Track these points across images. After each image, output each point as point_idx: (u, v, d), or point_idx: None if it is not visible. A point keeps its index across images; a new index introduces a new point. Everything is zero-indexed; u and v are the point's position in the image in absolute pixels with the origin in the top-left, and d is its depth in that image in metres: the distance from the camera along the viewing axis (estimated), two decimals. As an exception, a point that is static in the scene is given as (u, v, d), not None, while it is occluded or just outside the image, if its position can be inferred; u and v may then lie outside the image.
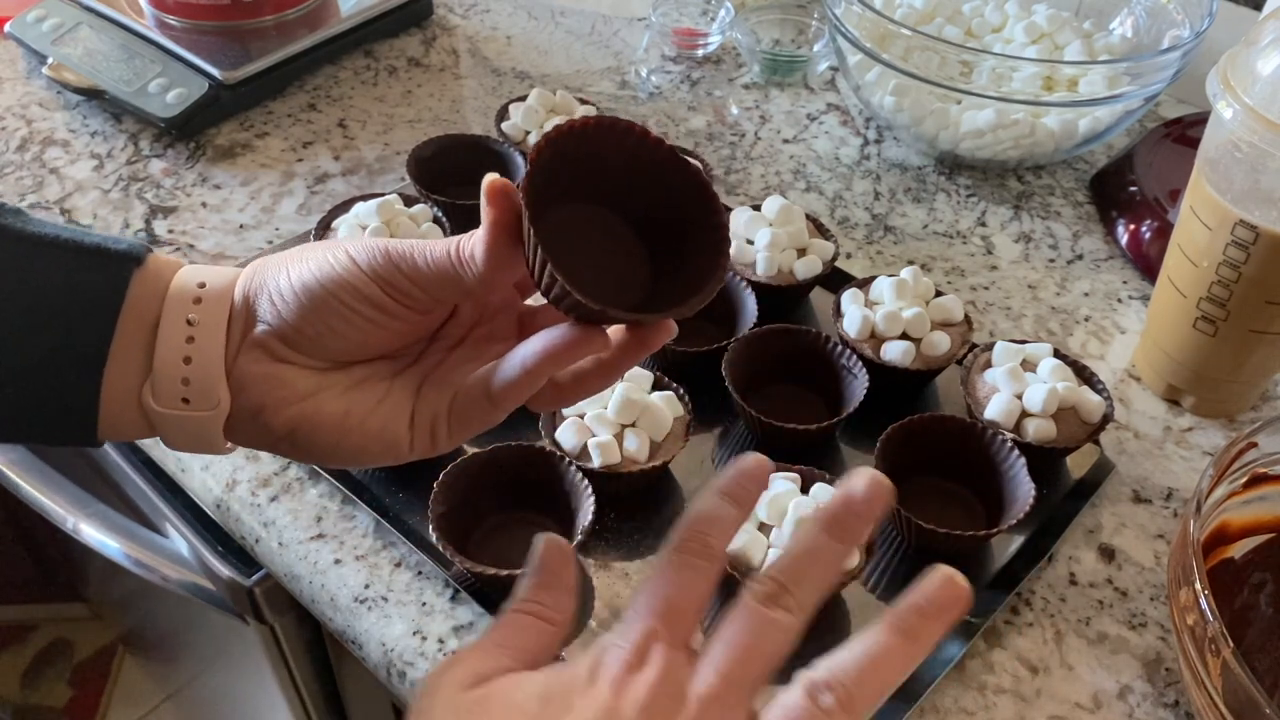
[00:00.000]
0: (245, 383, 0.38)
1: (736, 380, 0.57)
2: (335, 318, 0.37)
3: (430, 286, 0.37)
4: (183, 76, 0.79)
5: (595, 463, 0.53)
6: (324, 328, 0.37)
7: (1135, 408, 0.63)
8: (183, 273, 0.38)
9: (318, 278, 0.37)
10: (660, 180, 0.36)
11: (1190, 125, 0.79)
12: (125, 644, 1.47)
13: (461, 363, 0.40)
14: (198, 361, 0.37)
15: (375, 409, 0.39)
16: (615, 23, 0.95)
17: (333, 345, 0.38)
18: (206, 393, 0.37)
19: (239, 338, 0.38)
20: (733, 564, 0.49)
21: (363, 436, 0.39)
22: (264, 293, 0.38)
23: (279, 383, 0.38)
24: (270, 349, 0.38)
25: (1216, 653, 0.42)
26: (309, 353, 0.38)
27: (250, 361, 0.38)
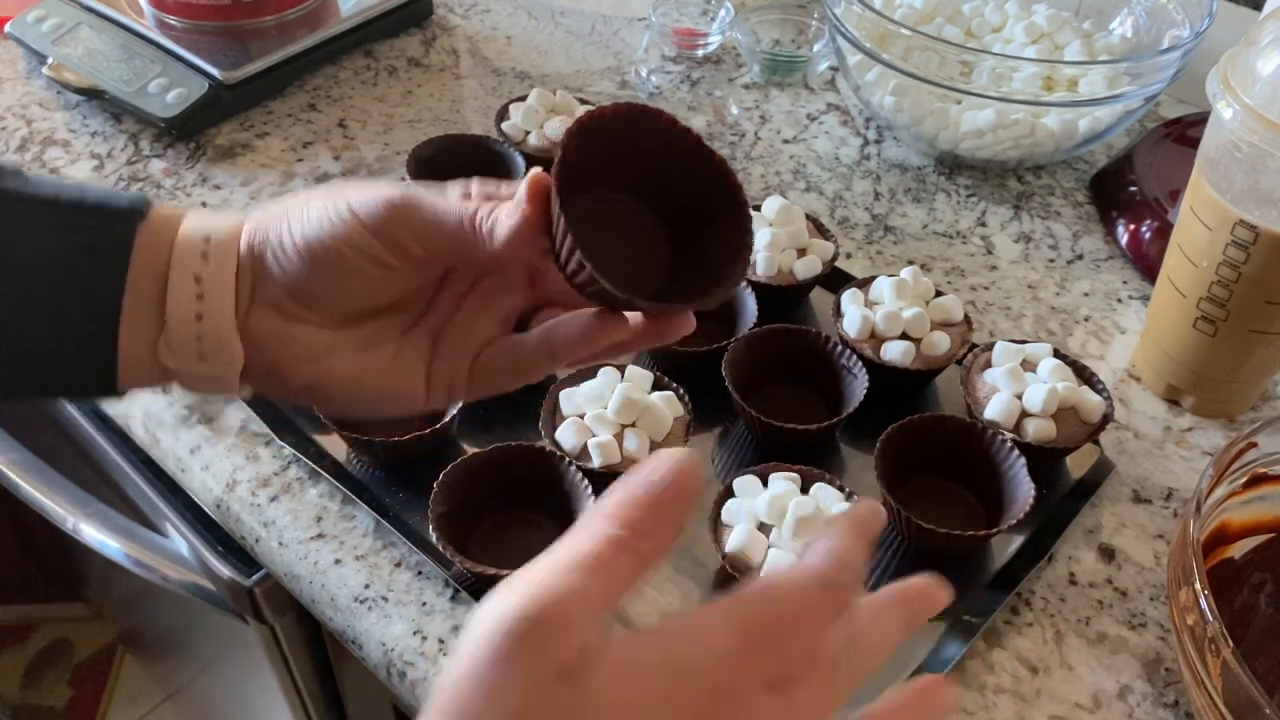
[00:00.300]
0: (259, 341, 0.38)
1: (736, 380, 0.57)
2: (339, 272, 0.37)
3: (432, 245, 0.37)
4: (183, 76, 0.79)
5: (595, 463, 0.53)
6: (330, 283, 0.37)
7: (1135, 408, 0.63)
8: (187, 225, 0.38)
9: (319, 233, 0.37)
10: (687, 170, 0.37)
11: (1190, 125, 0.79)
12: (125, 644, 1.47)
13: (474, 317, 0.40)
14: (209, 318, 0.37)
15: (389, 368, 0.39)
16: (615, 23, 0.95)
17: (340, 300, 0.38)
18: (220, 348, 0.37)
19: (249, 291, 0.38)
20: (732, 564, 0.49)
21: (377, 393, 0.39)
22: (268, 247, 0.37)
23: (292, 342, 0.38)
24: (281, 307, 0.38)
25: (1216, 653, 0.42)
26: (319, 309, 0.38)
27: (262, 319, 0.38)
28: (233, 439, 0.59)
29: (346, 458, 0.58)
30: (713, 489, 0.54)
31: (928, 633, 0.51)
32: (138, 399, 0.62)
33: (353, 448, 0.57)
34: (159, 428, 0.61)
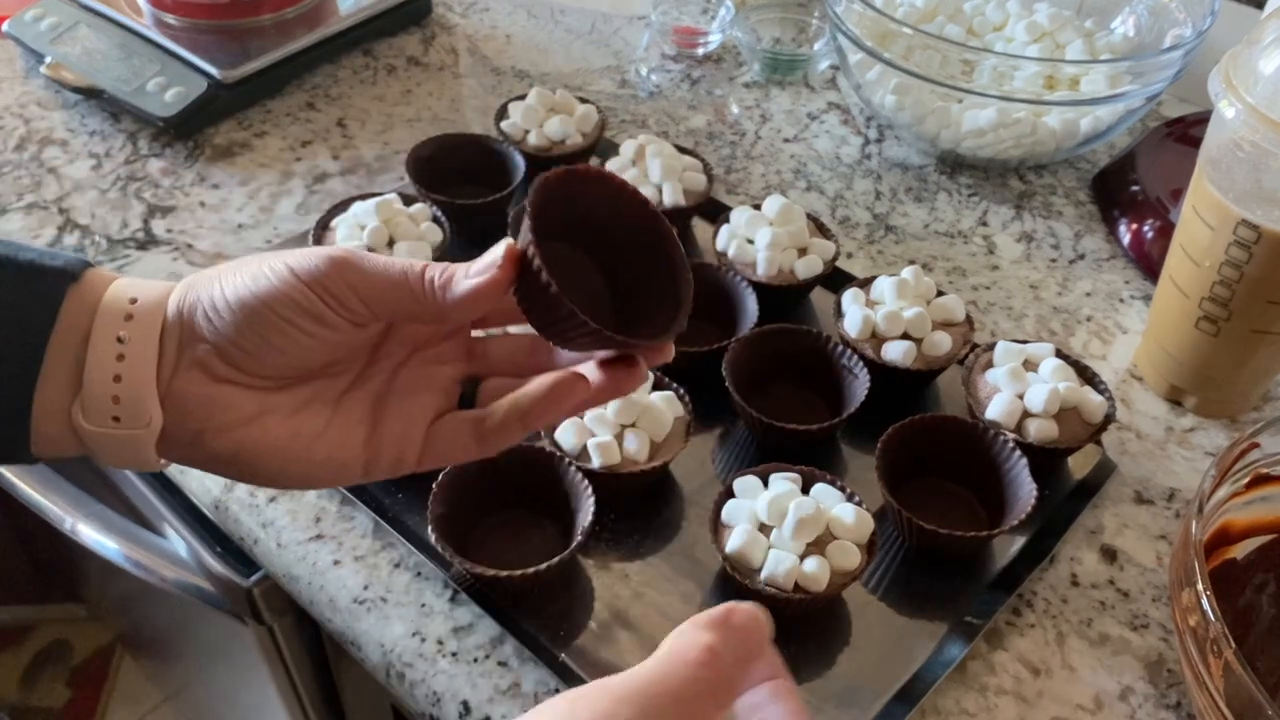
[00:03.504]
0: (184, 405, 0.37)
1: (736, 380, 0.57)
2: (272, 330, 0.36)
3: (374, 300, 0.36)
4: (181, 75, 0.78)
5: (595, 463, 0.53)
6: (261, 341, 0.36)
7: (1137, 408, 0.63)
8: (114, 288, 0.37)
9: (252, 290, 0.36)
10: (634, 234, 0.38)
11: (1192, 124, 0.79)
12: (124, 644, 1.47)
13: (416, 385, 0.40)
14: (128, 380, 0.36)
15: (321, 434, 0.38)
16: (615, 21, 0.95)
17: (272, 360, 0.37)
18: (137, 411, 0.36)
19: (174, 355, 0.37)
20: (732, 564, 0.49)
21: (308, 463, 0.38)
22: (199, 308, 0.36)
23: (220, 406, 0.37)
24: (209, 368, 0.37)
25: (1219, 654, 0.42)
26: (249, 370, 0.37)
27: (189, 382, 0.37)
28: (231, 439, 0.59)
29: (345, 458, 0.57)
30: (713, 489, 0.54)
31: (929, 634, 0.51)
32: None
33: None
34: (157, 428, 0.61)
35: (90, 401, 0.36)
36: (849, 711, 0.48)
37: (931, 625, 0.51)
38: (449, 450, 0.40)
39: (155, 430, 0.36)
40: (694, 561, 0.53)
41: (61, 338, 0.36)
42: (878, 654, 0.50)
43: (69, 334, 0.36)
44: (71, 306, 0.36)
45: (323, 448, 0.38)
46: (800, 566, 0.48)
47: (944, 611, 0.52)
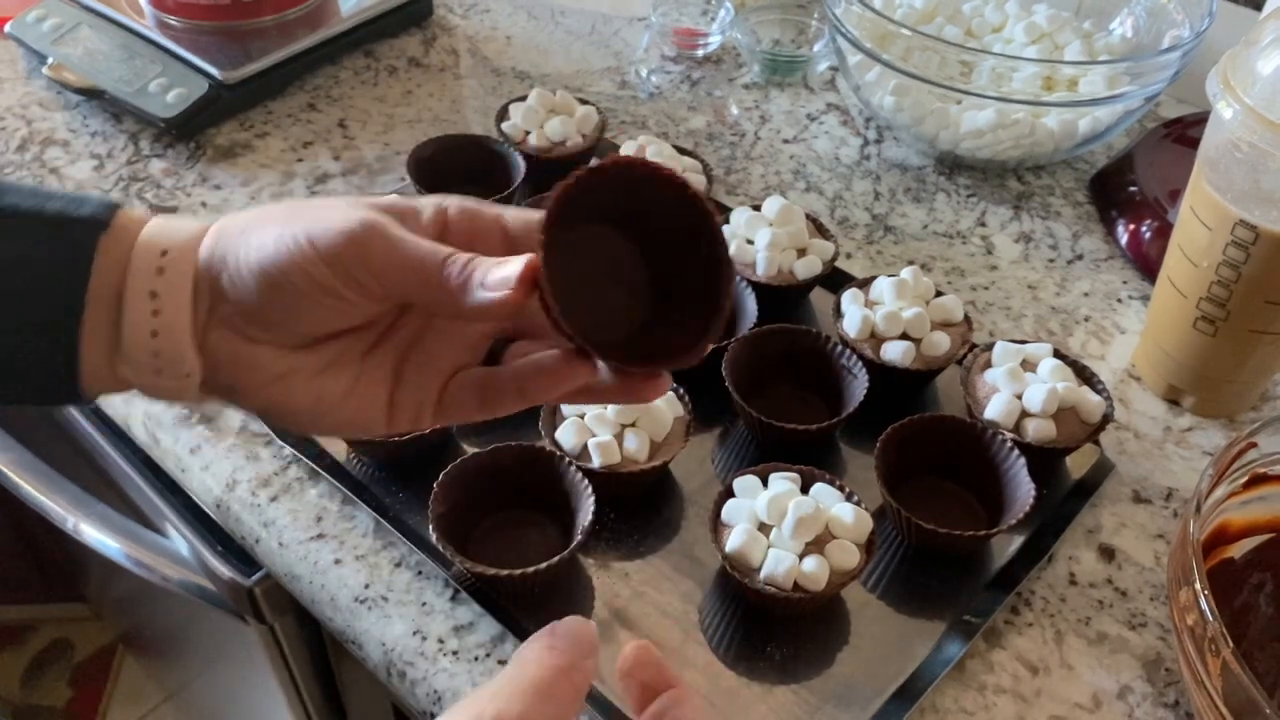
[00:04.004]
0: (216, 361, 0.37)
1: (736, 380, 0.57)
2: (293, 300, 0.36)
3: (391, 286, 0.36)
4: (183, 76, 0.79)
5: (595, 463, 0.53)
6: (284, 310, 0.36)
7: (1135, 408, 0.63)
8: (145, 236, 0.37)
9: (273, 259, 0.35)
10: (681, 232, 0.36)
11: (1190, 125, 0.79)
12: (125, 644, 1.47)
13: (441, 344, 0.40)
14: (164, 335, 0.36)
15: (349, 392, 0.38)
16: (615, 22, 0.95)
17: (296, 326, 0.37)
18: (177, 363, 0.37)
19: (206, 309, 0.37)
20: (732, 564, 0.49)
21: (335, 420, 0.39)
22: (225, 268, 0.36)
23: (249, 365, 0.37)
24: (237, 328, 0.37)
25: (1216, 653, 0.42)
26: (275, 332, 0.37)
27: (220, 340, 0.37)
28: (233, 439, 0.59)
29: (346, 458, 0.58)
30: (713, 489, 0.54)
31: (928, 633, 0.51)
32: (138, 399, 0.62)
33: (353, 448, 0.57)
34: (159, 428, 0.61)
35: (131, 355, 0.37)
36: (848, 710, 0.48)
37: (930, 624, 0.52)
38: (453, 409, 0.39)
39: (196, 379, 0.37)
40: (694, 561, 0.54)
41: (97, 291, 0.36)
42: (877, 653, 0.50)
43: (104, 288, 0.36)
44: (104, 259, 0.36)
45: (347, 408, 0.39)
46: (799, 566, 0.49)
47: (943, 610, 0.52)
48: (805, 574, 0.48)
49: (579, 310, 0.33)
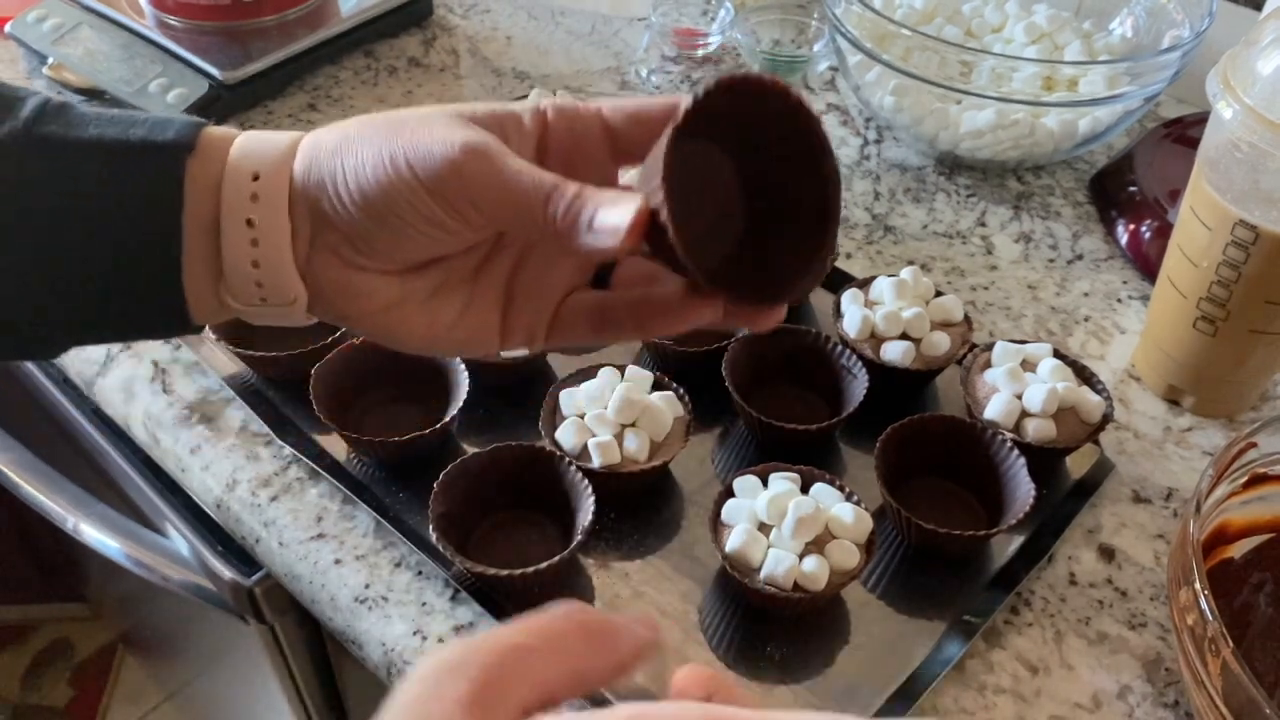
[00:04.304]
0: (322, 288, 0.37)
1: (736, 380, 0.57)
2: (398, 227, 0.35)
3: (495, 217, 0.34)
4: (183, 77, 0.79)
5: (595, 463, 0.53)
6: (390, 235, 0.35)
7: (1135, 408, 0.63)
8: (234, 158, 0.36)
9: (375, 186, 0.34)
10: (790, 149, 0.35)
11: (1190, 125, 0.79)
12: (125, 644, 1.47)
13: (549, 266, 0.38)
14: (265, 264, 0.36)
15: (460, 318, 0.38)
16: (615, 23, 0.95)
17: (403, 251, 0.36)
18: (281, 290, 0.36)
19: (307, 235, 0.36)
20: (732, 564, 0.49)
21: (450, 343, 0.38)
22: (324, 193, 0.35)
23: (357, 292, 0.37)
24: (342, 254, 0.36)
25: (1216, 653, 0.42)
26: (381, 258, 0.36)
27: (325, 266, 0.36)
28: (233, 439, 0.59)
29: (346, 458, 0.58)
30: (713, 489, 0.54)
31: (928, 633, 0.51)
32: (138, 399, 0.62)
33: (353, 448, 0.57)
34: (159, 428, 0.61)
35: (234, 283, 0.36)
36: (848, 710, 0.48)
37: (930, 624, 0.52)
38: (567, 333, 0.39)
39: (302, 304, 0.37)
40: (694, 561, 0.54)
41: (193, 219, 0.36)
42: (877, 653, 0.51)
43: (199, 215, 0.36)
44: (194, 184, 0.36)
45: (461, 331, 0.38)
46: (799, 566, 0.49)
47: (942, 610, 0.52)
48: (805, 574, 0.48)
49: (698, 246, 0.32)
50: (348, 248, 0.36)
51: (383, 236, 0.35)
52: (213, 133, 0.37)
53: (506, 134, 0.36)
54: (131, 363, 0.64)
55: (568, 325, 0.38)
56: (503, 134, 0.36)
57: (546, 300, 0.38)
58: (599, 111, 0.37)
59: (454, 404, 0.57)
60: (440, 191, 0.33)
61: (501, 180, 0.33)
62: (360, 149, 0.35)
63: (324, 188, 0.35)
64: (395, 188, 0.34)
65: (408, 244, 0.35)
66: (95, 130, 0.36)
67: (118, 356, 0.64)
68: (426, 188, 0.33)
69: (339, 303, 0.37)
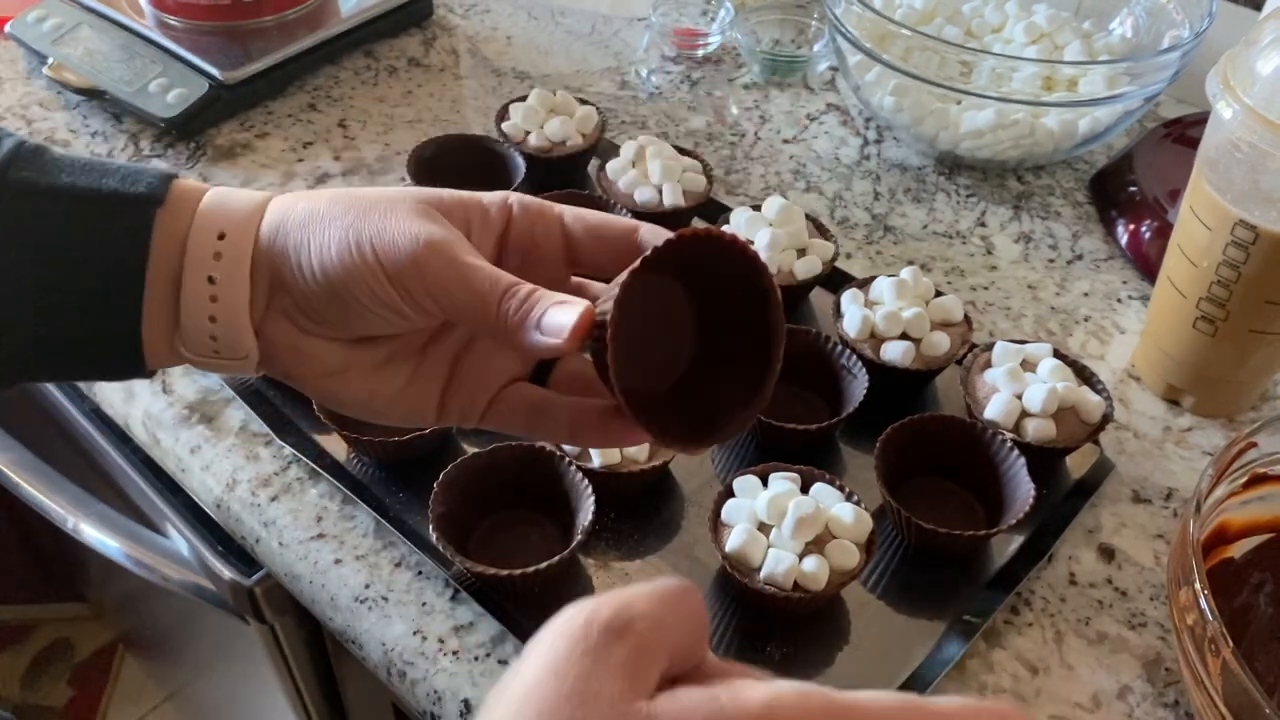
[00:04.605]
0: (273, 349, 0.38)
1: (736, 380, 0.57)
2: (355, 308, 0.36)
3: (450, 311, 0.36)
4: (183, 76, 0.79)
5: (595, 463, 0.53)
6: (345, 314, 0.37)
7: (1135, 408, 0.64)
8: (202, 212, 0.37)
9: (338, 268, 0.36)
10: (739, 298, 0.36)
11: (1190, 125, 0.79)
12: (125, 644, 1.47)
13: (492, 353, 0.40)
14: (222, 320, 0.37)
15: (403, 391, 0.39)
16: (615, 23, 0.95)
17: (353, 328, 0.38)
18: (234, 346, 0.38)
19: (265, 297, 0.37)
20: (732, 564, 0.49)
21: (388, 413, 0.40)
22: (286, 264, 0.37)
23: (306, 357, 0.38)
24: (295, 320, 0.38)
25: (1216, 653, 0.42)
26: (334, 329, 0.38)
27: (277, 330, 0.38)
28: (233, 439, 0.59)
29: (346, 458, 0.58)
30: (713, 489, 0.54)
31: (928, 633, 0.51)
32: (138, 399, 0.62)
33: (353, 448, 0.57)
34: (159, 428, 0.61)
35: (190, 335, 0.38)
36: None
37: (930, 624, 0.52)
38: (502, 422, 0.40)
39: (253, 361, 0.38)
40: (694, 561, 0.54)
41: (156, 271, 0.37)
42: (877, 653, 0.51)
43: (163, 267, 0.37)
44: (161, 236, 0.37)
45: (401, 404, 0.39)
46: (799, 566, 0.49)
47: (942, 610, 0.52)
48: (805, 574, 0.48)
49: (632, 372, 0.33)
50: (301, 315, 0.37)
51: (338, 311, 0.37)
52: (183, 186, 0.38)
53: (470, 224, 0.38)
54: (131, 363, 0.64)
55: (504, 413, 0.40)
56: (466, 224, 0.38)
57: (487, 385, 0.40)
58: (561, 216, 0.39)
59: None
60: (400, 280, 0.35)
61: (458, 274, 0.35)
62: (328, 227, 0.36)
63: (287, 257, 0.36)
64: (358, 270, 0.35)
65: (360, 321, 0.37)
66: (68, 178, 0.37)
67: (118, 356, 0.64)
68: (388, 275, 0.35)
69: (288, 363, 0.38)
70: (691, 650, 0.27)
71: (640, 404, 0.34)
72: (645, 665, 0.25)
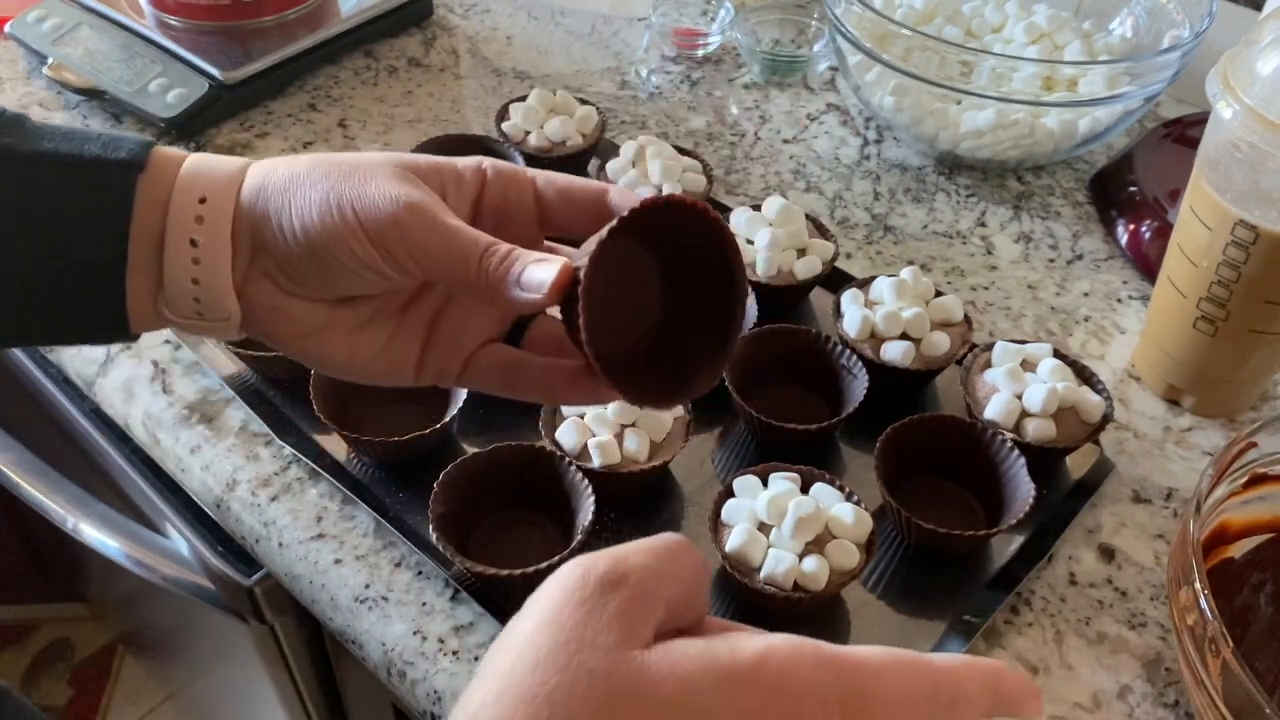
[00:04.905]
0: (254, 311, 0.39)
1: (736, 380, 0.57)
2: (335, 268, 0.37)
3: (431, 269, 0.37)
4: (183, 76, 0.79)
5: (595, 463, 0.53)
6: (326, 274, 0.37)
7: (1135, 408, 0.63)
8: (182, 180, 0.38)
9: (319, 229, 0.36)
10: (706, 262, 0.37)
11: (1190, 125, 0.79)
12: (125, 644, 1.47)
13: (469, 314, 0.41)
14: (205, 282, 0.38)
15: (381, 351, 0.40)
16: (615, 23, 0.95)
17: (333, 288, 0.38)
18: (216, 307, 0.38)
19: (246, 258, 0.38)
20: (732, 564, 0.49)
21: (368, 373, 0.41)
22: (268, 224, 0.37)
23: (286, 317, 0.39)
24: (276, 280, 0.38)
25: (1216, 653, 0.42)
26: (314, 289, 0.38)
27: (258, 291, 0.38)
28: (233, 439, 0.59)
29: (346, 458, 0.58)
30: (713, 489, 0.54)
31: (928, 633, 0.51)
32: (138, 399, 0.62)
33: (353, 448, 0.57)
34: (159, 428, 0.61)
35: (173, 297, 0.38)
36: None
37: (930, 624, 0.52)
38: (478, 381, 0.41)
39: (235, 322, 0.39)
40: (694, 561, 0.54)
41: (139, 234, 0.37)
42: (876, 652, 0.50)
43: (145, 231, 0.37)
44: (143, 201, 0.37)
45: (379, 363, 0.40)
46: (799, 566, 0.49)
47: (942, 610, 0.52)
48: (805, 574, 0.48)
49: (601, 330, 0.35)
50: (283, 275, 0.38)
51: (318, 272, 0.37)
52: (163, 153, 0.39)
53: (445, 188, 0.39)
54: (131, 363, 0.64)
55: (480, 372, 0.41)
56: (442, 188, 0.38)
57: (463, 345, 0.41)
58: (533, 180, 0.40)
59: (454, 404, 0.57)
60: (381, 241, 0.36)
61: (438, 234, 0.36)
62: (309, 190, 0.37)
63: (268, 219, 0.37)
64: (339, 231, 0.36)
65: (340, 281, 0.37)
66: (50, 144, 0.37)
67: (117, 357, 0.64)
68: (369, 236, 0.36)
69: (269, 324, 0.39)
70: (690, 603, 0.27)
71: (610, 363, 0.35)
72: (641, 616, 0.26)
